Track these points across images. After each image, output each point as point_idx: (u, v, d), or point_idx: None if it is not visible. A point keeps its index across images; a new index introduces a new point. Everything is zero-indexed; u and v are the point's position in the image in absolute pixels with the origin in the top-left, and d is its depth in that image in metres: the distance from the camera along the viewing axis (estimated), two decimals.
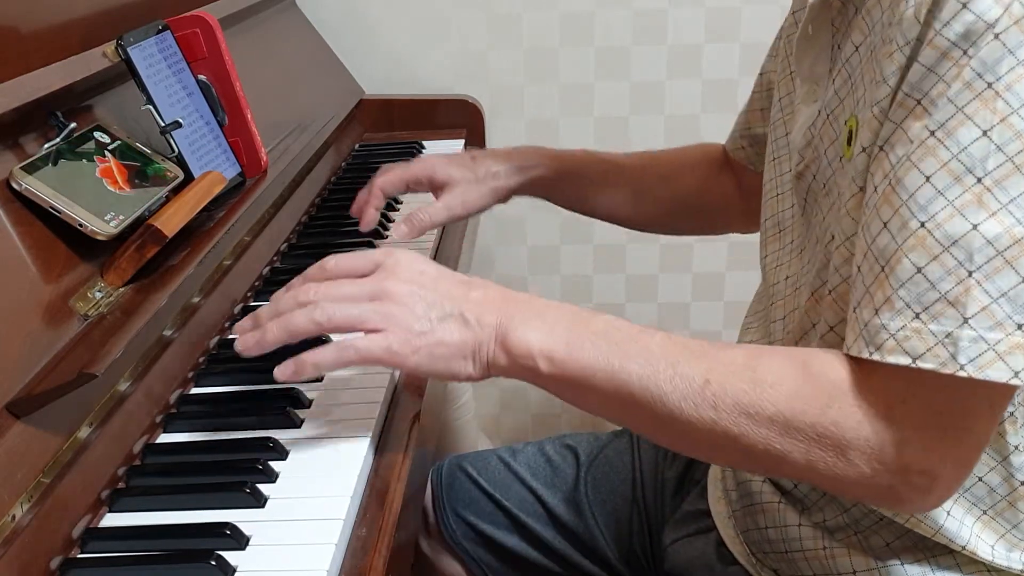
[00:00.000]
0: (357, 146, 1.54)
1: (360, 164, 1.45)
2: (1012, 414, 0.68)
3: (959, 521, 0.70)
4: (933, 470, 0.61)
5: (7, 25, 0.80)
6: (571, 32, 1.65)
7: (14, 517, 0.61)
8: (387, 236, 1.17)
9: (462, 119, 1.63)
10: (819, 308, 0.74)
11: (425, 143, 1.54)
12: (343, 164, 1.45)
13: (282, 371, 0.70)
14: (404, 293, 0.69)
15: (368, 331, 0.68)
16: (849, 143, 0.69)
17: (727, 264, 1.79)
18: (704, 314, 1.83)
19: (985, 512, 0.70)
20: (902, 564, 0.73)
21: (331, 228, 1.20)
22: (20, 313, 0.68)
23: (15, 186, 0.73)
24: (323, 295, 0.69)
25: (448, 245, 1.19)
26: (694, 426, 0.64)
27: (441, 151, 1.52)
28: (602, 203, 1.09)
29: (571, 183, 1.08)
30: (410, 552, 0.75)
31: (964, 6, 0.58)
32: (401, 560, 0.69)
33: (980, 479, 0.70)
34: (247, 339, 0.70)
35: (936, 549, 0.72)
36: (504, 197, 1.06)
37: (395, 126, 1.63)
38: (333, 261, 0.72)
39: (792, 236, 0.83)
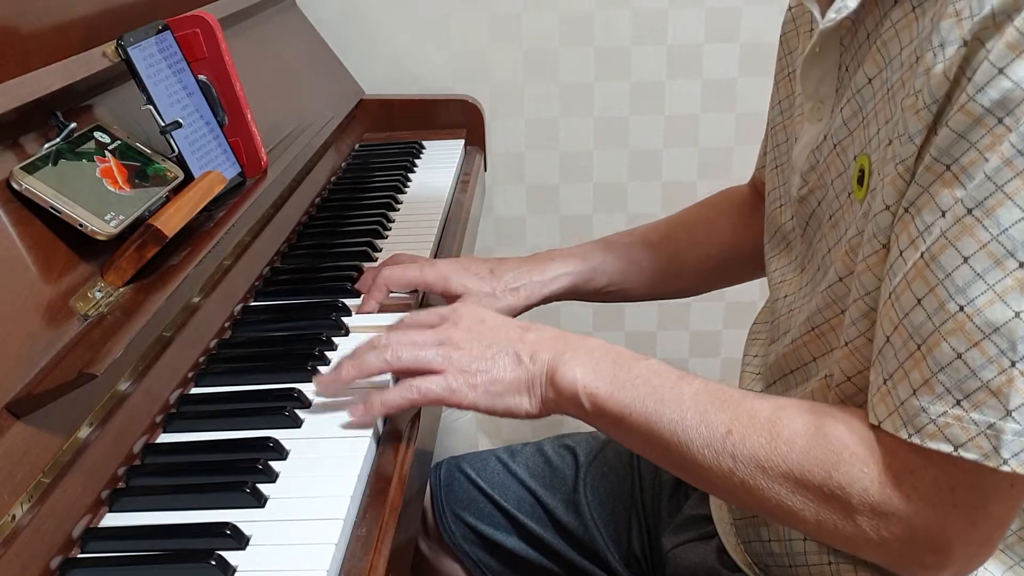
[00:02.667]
0: (357, 146, 1.54)
1: (360, 164, 1.46)
2: None
3: None
4: (944, 548, 0.61)
5: (7, 25, 0.80)
6: (571, 32, 1.65)
7: (14, 517, 0.61)
8: (386, 236, 1.17)
9: (462, 119, 1.63)
10: (819, 344, 0.73)
11: (425, 143, 1.55)
12: (343, 164, 1.45)
13: (356, 412, 0.76)
14: (464, 339, 0.75)
15: (430, 372, 0.74)
16: (860, 183, 0.67)
17: None
18: (704, 314, 1.83)
19: None
20: None
21: (331, 228, 1.20)
22: (20, 313, 0.68)
23: (15, 186, 0.73)
24: (395, 341, 0.76)
25: (447, 246, 1.19)
26: (714, 473, 0.66)
27: (441, 151, 1.52)
28: (633, 290, 1.05)
29: (598, 283, 1.03)
30: (410, 552, 0.75)
31: (1000, 71, 0.55)
32: (401, 560, 0.69)
33: None
34: (323, 377, 0.79)
35: None
36: (521, 312, 1.01)
37: (395, 126, 1.63)
38: (408, 317, 0.81)
39: (795, 253, 0.82)
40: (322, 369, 0.85)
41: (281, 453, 0.74)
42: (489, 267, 0.98)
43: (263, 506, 0.68)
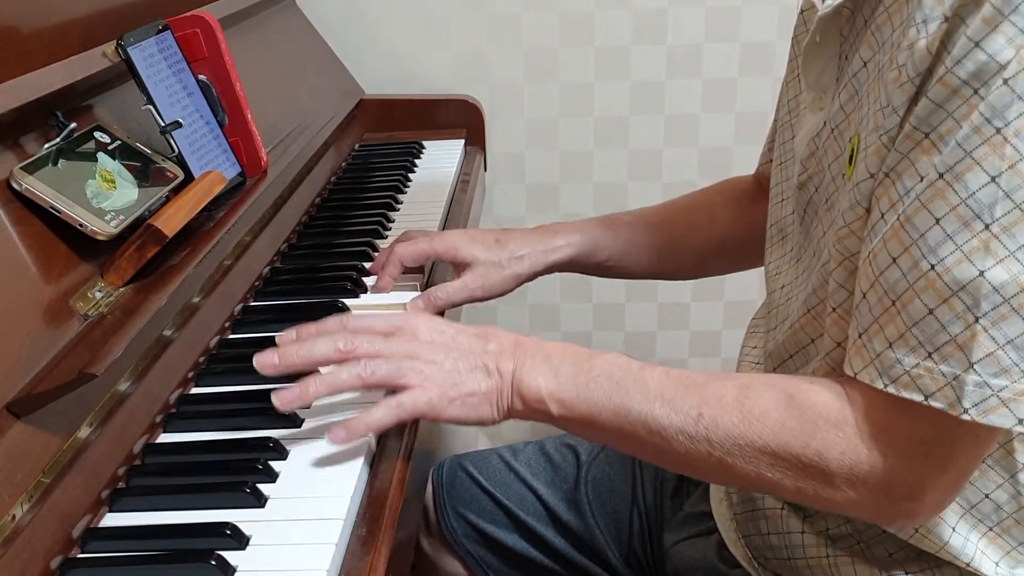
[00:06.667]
0: (357, 146, 1.54)
1: (360, 164, 1.46)
2: (1023, 432, 0.68)
3: (964, 537, 0.70)
4: (918, 496, 0.64)
5: (7, 25, 0.80)
6: (571, 32, 1.65)
7: (14, 517, 0.61)
8: (386, 236, 1.17)
9: (462, 119, 1.63)
10: (816, 326, 0.74)
11: (425, 143, 1.55)
12: (343, 164, 1.45)
13: (337, 436, 0.73)
14: (430, 352, 0.74)
15: (403, 386, 0.73)
16: (851, 161, 0.69)
17: None
18: (704, 314, 1.83)
19: (991, 529, 0.70)
20: (906, 574, 0.74)
21: (331, 228, 1.20)
22: (20, 313, 0.68)
23: (15, 186, 0.73)
24: (362, 352, 0.73)
25: None
26: (692, 457, 0.69)
27: (441, 151, 1.52)
28: (632, 268, 1.08)
29: (599, 257, 1.06)
30: (410, 552, 0.75)
31: (976, 44, 0.58)
32: (401, 560, 0.69)
33: (987, 496, 0.70)
34: (287, 394, 0.73)
35: (939, 560, 0.72)
36: (527, 280, 1.05)
37: (395, 126, 1.63)
38: (354, 320, 0.77)
39: (792, 244, 0.83)
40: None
41: (281, 453, 0.74)
42: (495, 237, 1.04)
43: (263, 506, 0.68)
